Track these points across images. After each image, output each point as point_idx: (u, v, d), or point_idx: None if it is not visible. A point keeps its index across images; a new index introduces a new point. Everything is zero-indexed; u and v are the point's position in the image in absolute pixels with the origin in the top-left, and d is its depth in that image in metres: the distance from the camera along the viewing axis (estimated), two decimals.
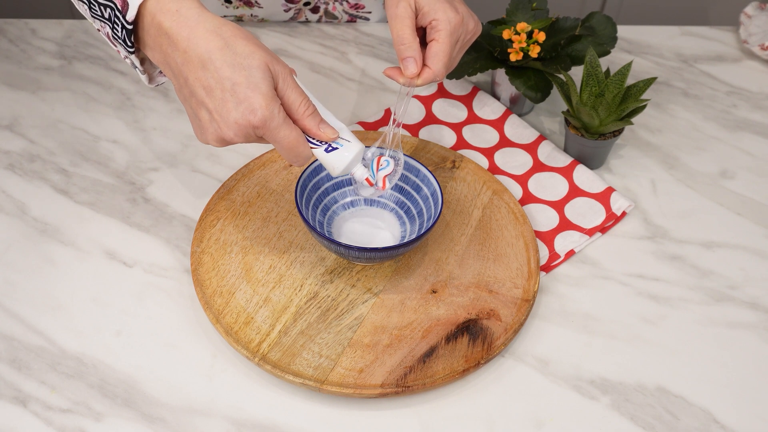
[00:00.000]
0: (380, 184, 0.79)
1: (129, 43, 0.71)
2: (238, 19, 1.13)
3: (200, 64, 0.67)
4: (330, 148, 0.72)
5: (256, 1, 1.09)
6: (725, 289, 0.86)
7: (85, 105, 1.01)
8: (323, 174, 0.85)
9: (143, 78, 0.76)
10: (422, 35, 0.82)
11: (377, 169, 0.79)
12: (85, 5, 0.74)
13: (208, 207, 0.88)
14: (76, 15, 1.97)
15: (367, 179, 0.77)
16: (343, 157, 0.73)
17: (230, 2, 1.09)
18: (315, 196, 0.84)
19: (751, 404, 0.77)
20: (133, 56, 0.73)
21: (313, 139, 0.72)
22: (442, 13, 0.79)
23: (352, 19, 1.15)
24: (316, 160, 0.83)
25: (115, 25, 0.71)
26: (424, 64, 0.79)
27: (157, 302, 0.81)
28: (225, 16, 1.09)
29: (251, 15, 1.12)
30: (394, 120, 0.81)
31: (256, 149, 0.96)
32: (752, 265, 0.89)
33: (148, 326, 0.79)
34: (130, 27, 0.69)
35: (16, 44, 1.08)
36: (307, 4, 1.11)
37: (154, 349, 0.78)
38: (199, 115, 0.70)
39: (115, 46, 0.73)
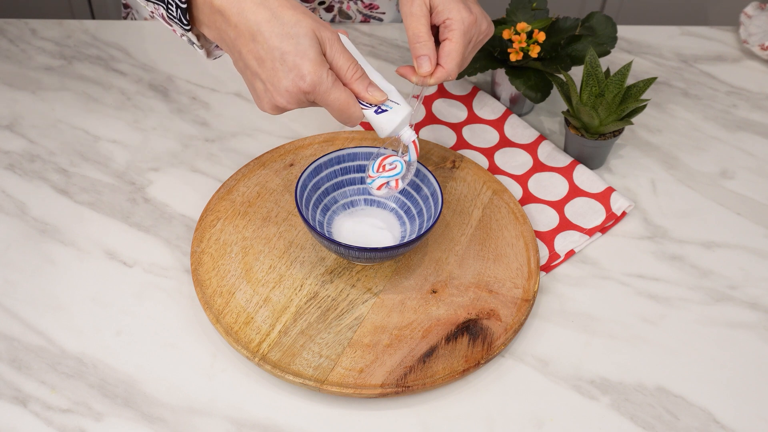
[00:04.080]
0: (393, 184, 0.80)
1: (185, 22, 0.74)
2: None
3: (251, 37, 0.70)
4: (380, 110, 0.75)
5: None
6: (725, 289, 0.86)
7: (85, 105, 1.01)
8: (323, 174, 0.85)
9: (201, 53, 0.79)
10: (435, 33, 0.82)
11: (378, 168, 0.80)
12: None
13: (208, 207, 0.88)
14: (76, 15, 1.97)
15: (413, 142, 0.78)
16: (392, 120, 0.75)
17: None
18: (315, 196, 0.84)
19: (751, 404, 0.77)
20: (189, 33, 0.76)
21: (363, 102, 0.74)
22: (456, 13, 0.79)
23: (366, 20, 1.15)
24: (316, 159, 0.83)
25: (170, 6, 0.74)
26: (437, 63, 0.80)
27: (157, 302, 0.81)
28: None
29: None
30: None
31: (256, 150, 0.96)
32: (752, 265, 0.89)
33: (148, 326, 0.79)
34: (184, 6, 0.72)
35: (16, 44, 1.08)
36: (321, 3, 1.11)
37: (154, 349, 0.78)
38: (254, 85, 0.73)
39: (171, 25, 0.76)
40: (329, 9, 1.13)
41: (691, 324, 0.83)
